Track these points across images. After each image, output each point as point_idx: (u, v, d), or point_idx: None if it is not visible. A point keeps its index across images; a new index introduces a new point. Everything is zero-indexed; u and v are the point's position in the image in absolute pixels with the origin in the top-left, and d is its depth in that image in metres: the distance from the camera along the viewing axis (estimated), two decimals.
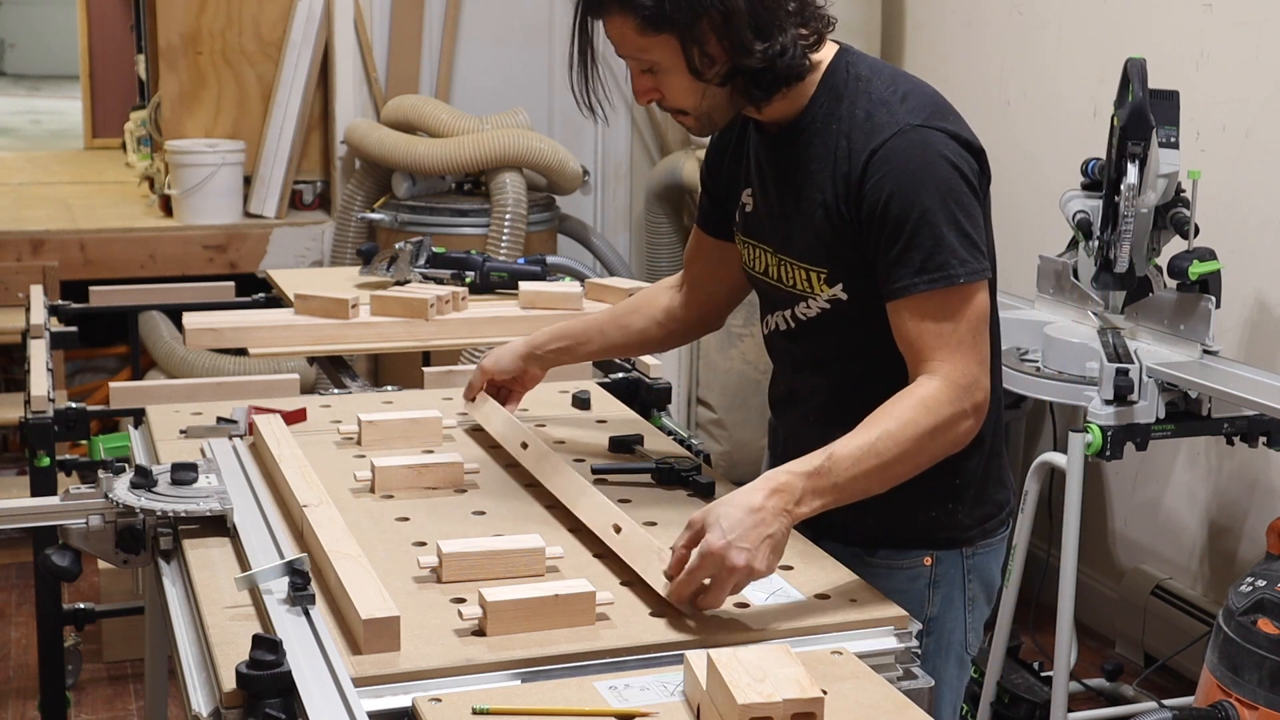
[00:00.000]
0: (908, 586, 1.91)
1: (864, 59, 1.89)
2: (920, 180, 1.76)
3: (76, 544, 1.88)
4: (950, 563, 1.94)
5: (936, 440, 1.75)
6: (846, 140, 1.82)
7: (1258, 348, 3.59)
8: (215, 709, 1.46)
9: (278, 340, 2.93)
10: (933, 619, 1.93)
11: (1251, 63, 3.60)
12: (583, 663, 1.54)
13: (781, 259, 1.94)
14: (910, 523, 1.91)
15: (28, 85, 14.25)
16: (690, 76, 1.79)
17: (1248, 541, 3.70)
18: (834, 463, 1.69)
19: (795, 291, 1.93)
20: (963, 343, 1.77)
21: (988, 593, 1.98)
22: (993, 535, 1.97)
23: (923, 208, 1.76)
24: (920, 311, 1.78)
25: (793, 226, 1.90)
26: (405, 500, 2.01)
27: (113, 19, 8.48)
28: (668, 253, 5.68)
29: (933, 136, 1.78)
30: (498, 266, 3.29)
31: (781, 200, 1.92)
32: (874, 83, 1.84)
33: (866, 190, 1.79)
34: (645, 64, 1.82)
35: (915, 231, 1.76)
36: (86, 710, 3.73)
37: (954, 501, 1.92)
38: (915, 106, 1.81)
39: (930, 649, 1.91)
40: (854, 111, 1.82)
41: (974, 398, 1.77)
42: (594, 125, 5.74)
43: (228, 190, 5.36)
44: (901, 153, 1.77)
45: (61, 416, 2.83)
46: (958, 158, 1.79)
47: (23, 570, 4.51)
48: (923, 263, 1.76)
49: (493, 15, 5.54)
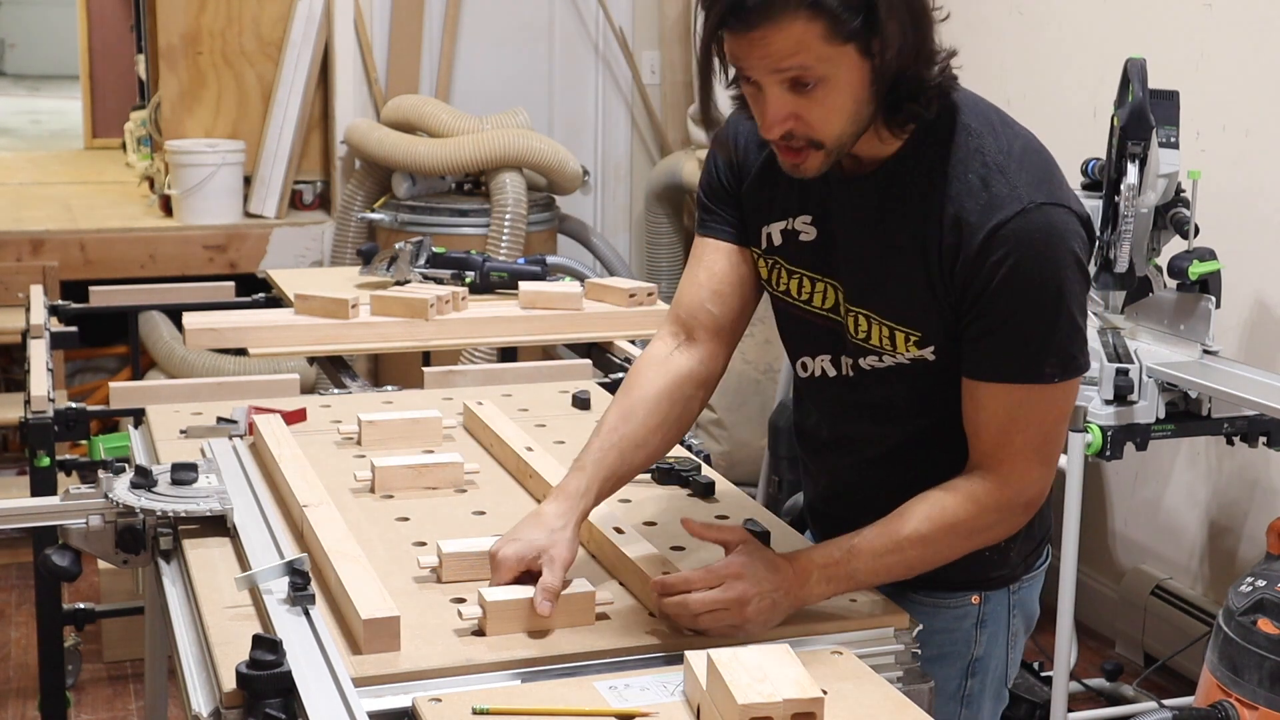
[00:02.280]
0: (954, 625, 1.85)
1: (967, 100, 1.71)
2: (1042, 271, 1.62)
3: (76, 544, 1.88)
4: (997, 600, 1.87)
5: (972, 541, 1.70)
6: (955, 207, 1.65)
7: (1258, 348, 3.58)
8: (215, 709, 1.46)
9: (278, 340, 2.93)
10: (978, 660, 1.86)
11: (1251, 63, 3.60)
12: (583, 663, 1.55)
13: (859, 312, 1.75)
14: (960, 564, 1.78)
15: (28, 85, 14.24)
16: (856, 95, 1.60)
17: (1248, 541, 3.70)
18: (853, 556, 1.65)
19: (869, 346, 1.75)
20: (1030, 444, 1.67)
21: (1028, 624, 1.93)
22: (1035, 568, 1.91)
23: (1037, 300, 1.63)
24: (1000, 401, 1.67)
25: (877, 280, 1.73)
26: (405, 500, 2.01)
27: (113, 19, 8.48)
28: (668, 253, 5.68)
29: (1057, 218, 1.63)
30: (498, 266, 3.30)
31: (867, 247, 1.73)
32: (985, 139, 1.67)
33: (982, 270, 1.63)
34: (810, 79, 1.59)
35: (1023, 321, 1.64)
36: (86, 710, 3.73)
37: (1008, 542, 1.81)
38: (1034, 178, 1.65)
39: (974, 690, 1.87)
40: (965, 174, 1.65)
41: (1025, 498, 1.70)
42: (594, 125, 5.75)
43: (228, 190, 5.36)
44: (1025, 237, 1.62)
45: (61, 416, 2.83)
46: (1081, 244, 1.66)
47: (23, 570, 4.51)
48: (1019, 354, 1.65)
49: (493, 15, 5.54)
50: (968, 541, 1.70)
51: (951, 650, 1.84)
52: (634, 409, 1.82)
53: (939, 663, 1.82)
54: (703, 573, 1.62)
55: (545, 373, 2.83)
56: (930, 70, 1.63)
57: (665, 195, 5.59)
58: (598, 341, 3.11)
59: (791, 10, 1.54)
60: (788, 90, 1.60)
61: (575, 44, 5.67)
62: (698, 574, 1.62)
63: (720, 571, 1.61)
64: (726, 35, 1.59)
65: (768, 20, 1.55)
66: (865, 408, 1.80)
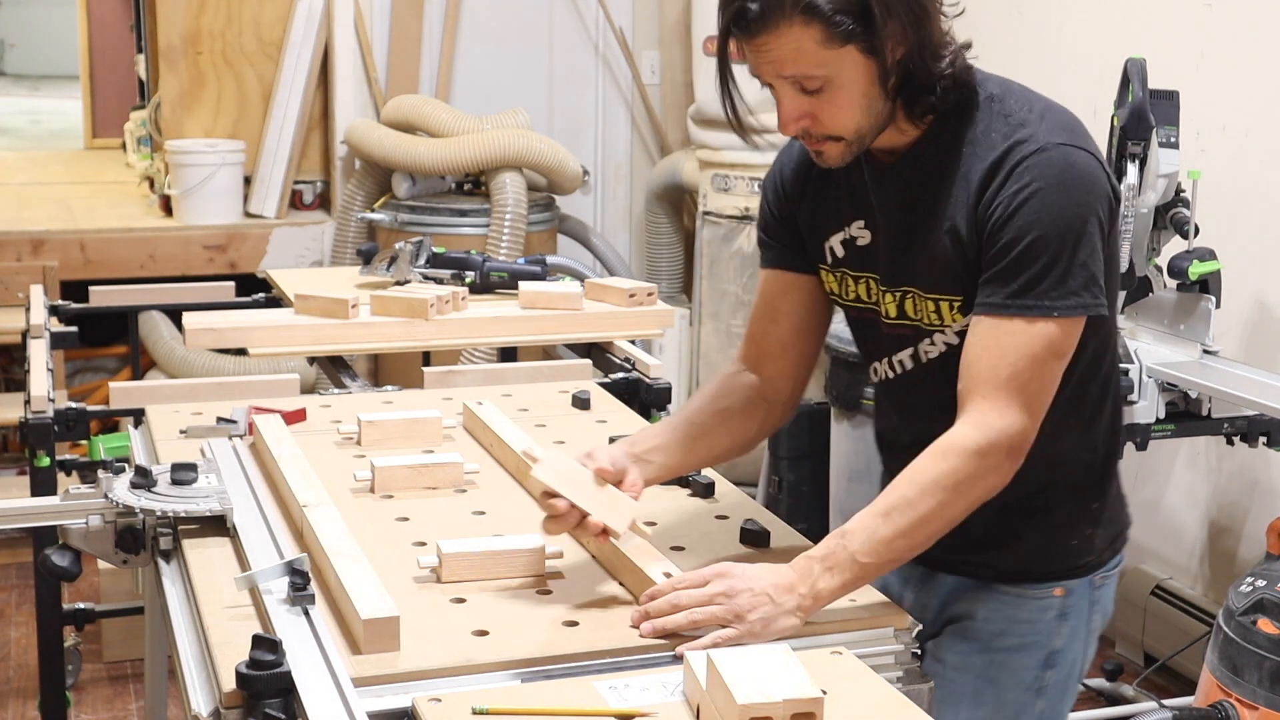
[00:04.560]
0: (1037, 617, 1.84)
1: (991, 76, 1.75)
2: (1059, 203, 1.64)
3: (76, 544, 1.88)
4: (1080, 594, 1.86)
5: (962, 495, 1.67)
6: (980, 164, 1.68)
7: (1258, 348, 3.58)
8: (215, 709, 1.46)
9: (278, 340, 2.93)
10: (1058, 652, 1.86)
11: (1251, 63, 3.60)
12: (583, 663, 1.55)
13: (906, 292, 1.78)
14: (1047, 554, 1.83)
15: (28, 85, 14.24)
16: (865, 92, 1.65)
17: (1248, 541, 3.70)
18: (847, 539, 1.65)
19: (922, 326, 1.78)
20: (1015, 380, 1.65)
21: (1104, 623, 1.92)
22: (1114, 560, 1.91)
23: (1047, 228, 1.63)
24: (987, 334, 1.67)
25: (917, 256, 1.75)
26: (405, 500, 2.01)
27: (113, 19, 8.48)
28: (667, 253, 5.68)
29: (1080, 159, 1.66)
30: (498, 266, 3.29)
31: (904, 230, 1.76)
32: (1007, 101, 1.71)
33: (997, 200, 1.66)
34: (816, 82, 1.65)
35: (1029, 250, 1.64)
36: (86, 710, 3.73)
37: (1093, 526, 1.84)
38: (1055, 125, 1.68)
39: (1050, 681, 1.86)
40: (989, 133, 1.70)
41: (1005, 444, 1.66)
42: (594, 125, 5.75)
43: (228, 190, 5.36)
44: (1045, 169, 1.65)
45: (61, 416, 2.83)
46: (1099, 184, 1.67)
47: (23, 570, 4.51)
48: (1022, 285, 1.65)
49: (493, 15, 5.54)
50: (956, 496, 1.66)
51: (1032, 641, 1.84)
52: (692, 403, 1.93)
53: (1017, 652, 1.84)
54: (688, 575, 1.64)
55: (545, 373, 2.83)
56: (939, 64, 1.66)
57: (665, 195, 5.59)
58: (598, 341, 3.11)
59: (787, 17, 1.61)
60: (799, 91, 1.67)
61: (575, 44, 5.67)
62: (683, 576, 1.64)
63: (706, 571, 1.63)
64: (735, 41, 1.66)
65: (767, 28, 1.62)
66: (936, 404, 1.77)
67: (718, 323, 5.06)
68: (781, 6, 1.61)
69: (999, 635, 1.85)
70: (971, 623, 1.86)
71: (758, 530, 1.87)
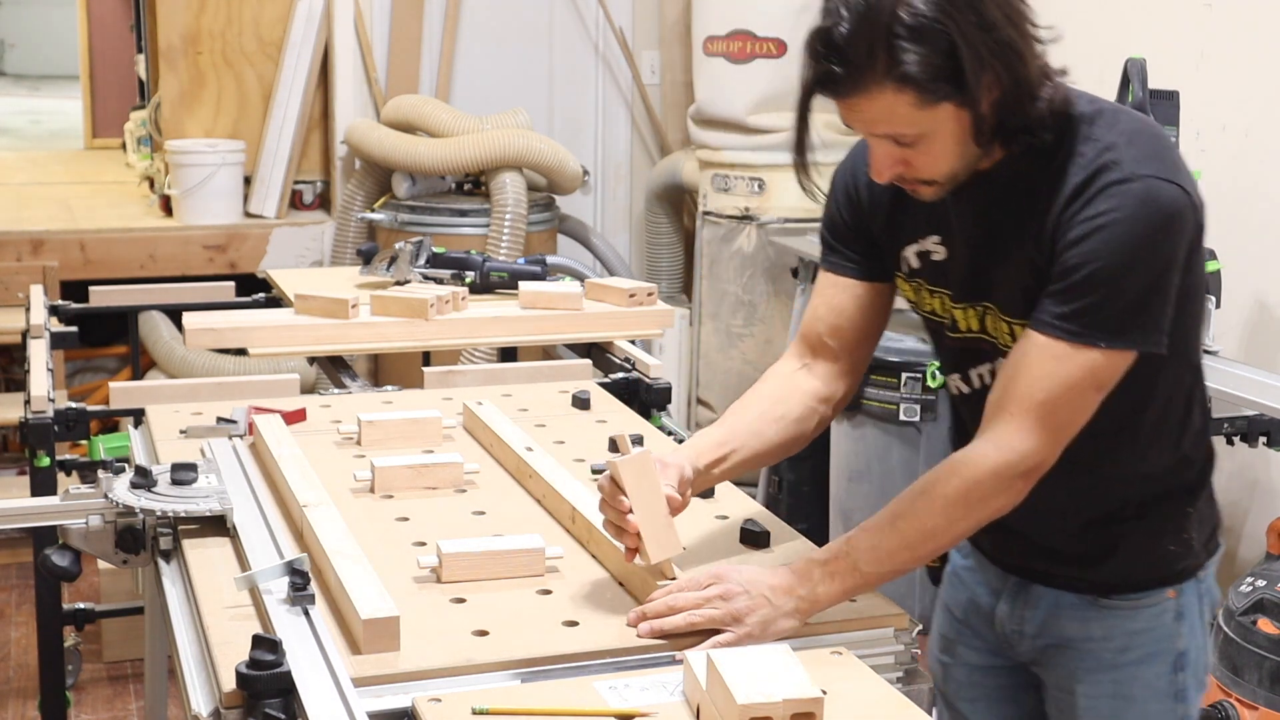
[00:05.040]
0: (1154, 623, 1.81)
1: (1081, 94, 1.70)
2: (1129, 232, 1.58)
3: (76, 544, 1.88)
4: (1190, 591, 1.83)
5: (972, 513, 1.65)
6: (1064, 186, 1.63)
7: (1258, 348, 3.58)
8: (215, 709, 1.46)
9: (278, 340, 2.92)
10: (1183, 653, 1.82)
11: (1251, 63, 3.60)
12: (583, 663, 1.54)
13: (985, 309, 1.75)
14: (1147, 562, 1.80)
15: (28, 85, 14.24)
16: (959, 140, 1.62)
17: (1248, 541, 3.70)
18: (851, 546, 1.65)
19: (999, 345, 1.74)
20: (1048, 405, 1.62)
21: (1213, 610, 1.89)
22: (1214, 553, 1.87)
23: (1114, 260, 1.59)
24: (1031, 351, 1.63)
25: (995, 276, 1.72)
26: (405, 500, 2.01)
27: (113, 19, 8.48)
28: (667, 253, 5.68)
29: (1162, 191, 1.60)
30: (498, 266, 3.29)
31: (983, 248, 1.73)
32: (1097, 123, 1.65)
33: (1074, 223, 1.61)
34: (909, 137, 1.62)
35: (1091, 278, 1.60)
36: (86, 710, 3.73)
37: (1189, 531, 1.81)
38: (1145, 153, 1.62)
39: (1184, 683, 1.83)
40: (1075, 156, 1.64)
41: (1022, 468, 1.64)
42: (594, 125, 5.75)
43: (228, 190, 5.36)
44: (1122, 198, 1.59)
45: (61, 416, 2.83)
46: (1180, 219, 1.61)
47: (23, 570, 4.51)
48: (1076, 311, 1.61)
49: (493, 15, 5.54)
50: (966, 513, 1.65)
51: (1156, 649, 1.82)
52: (749, 403, 1.89)
53: (1145, 664, 1.81)
54: (685, 579, 1.64)
55: (545, 373, 2.83)
56: (1035, 104, 1.62)
57: (665, 195, 5.59)
58: (598, 341, 3.11)
59: (879, 83, 1.56)
60: (892, 144, 1.64)
61: (575, 44, 5.67)
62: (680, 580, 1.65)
63: (701, 574, 1.64)
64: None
65: (857, 91, 1.58)
66: None
67: (718, 323, 5.06)
68: (872, 71, 1.56)
69: (1122, 651, 1.81)
70: (1091, 644, 1.82)
71: (758, 530, 1.86)
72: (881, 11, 1.54)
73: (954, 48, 1.54)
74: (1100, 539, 1.79)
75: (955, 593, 2.00)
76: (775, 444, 1.87)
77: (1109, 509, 1.78)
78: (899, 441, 3.94)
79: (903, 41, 1.54)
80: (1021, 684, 1.94)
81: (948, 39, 1.54)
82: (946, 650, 2.01)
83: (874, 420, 3.97)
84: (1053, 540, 1.82)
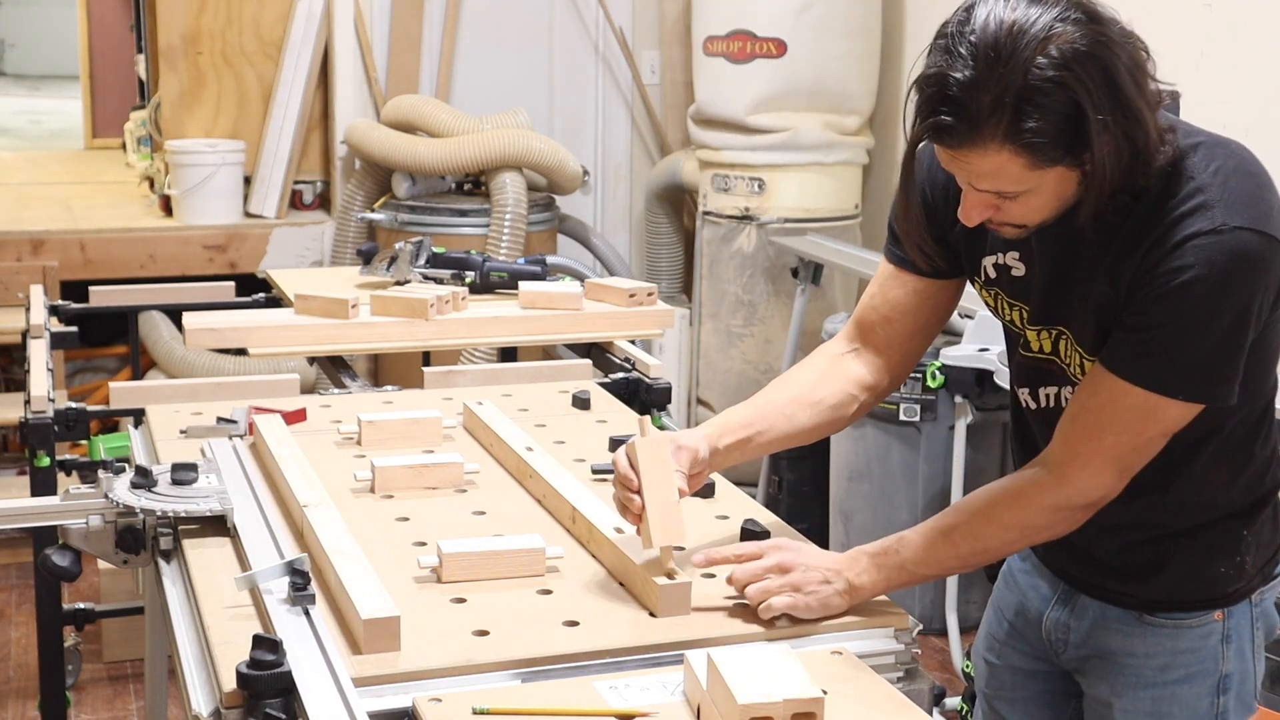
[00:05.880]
0: (1200, 644, 1.79)
1: (1176, 123, 1.64)
2: (1220, 293, 1.54)
3: (76, 544, 1.88)
4: (1240, 614, 1.80)
5: (1026, 538, 1.68)
6: (1151, 225, 1.58)
7: None
8: (215, 709, 1.46)
9: (278, 340, 2.92)
10: (1227, 676, 1.79)
11: (1251, 63, 3.60)
12: (583, 663, 1.55)
13: (1061, 333, 1.72)
14: (1196, 583, 1.77)
15: (28, 85, 14.25)
16: (1061, 196, 1.57)
17: None
18: (903, 544, 1.67)
19: (1069, 373, 1.73)
20: (1115, 449, 1.62)
21: (1269, 633, 1.85)
22: (1273, 576, 1.84)
23: (1196, 319, 1.55)
24: (1109, 394, 1.61)
25: (1073, 303, 1.69)
26: (405, 500, 2.01)
27: (113, 19, 8.48)
28: (668, 253, 5.68)
29: (1251, 244, 1.54)
30: (498, 266, 3.29)
31: (1062, 273, 1.69)
32: (1191, 158, 1.59)
33: (1158, 274, 1.55)
34: (1011, 194, 1.56)
35: (1175, 332, 1.57)
36: (86, 710, 3.73)
37: (1242, 555, 1.78)
38: (1237, 199, 1.55)
39: (1226, 706, 1.80)
40: (1166, 192, 1.57)
41: (1085, 501, 1.65)
42: (594, 125, 5.75)
43: (228, 190, 5.36)
44: (1209, 253, 1.53)
45: (61, 416, 2.83)
46: (1265, 271, 1.56)
47: (23, 570, 4.51)
48: (1154, 359, 1.58)
49: (493, 15, 5.54)
50: (1021, 538, 1.69)
51: (1199, 669, 1.79)
52: (788, 382, 1.88)
53: (1187, 684, 1.79)
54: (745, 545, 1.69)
55: (545, 373, 2.83)
56: (1149, 169, 1.56)
57: (665, 195, 5.59)
58: (598, 341, 3.11)
59: (996, 143, 1.49)
60: (991, 195, 1.58)
61: (575, 44, 5.67)
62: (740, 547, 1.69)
63: (761, 545, 1.68)
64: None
65: (969, 145, 1.51)
66: None
67: (718, 323, 5.06)
68: (987, 128, 1.49)
69: (1164, 669, 1.79)
70: (1133, 660, 1.81)
71: (758, 530, 1.86)
72: (1012, 68, 1.46)
73: (1080, 114, 1.47)
74: (1148, 555, 1.78)
75: (1008, 594, 1.99)
76: (806, 428, 1.85)
77: (1159, 529, 1.76)
78: (899, 441, 3.94)
79: (1028, 105, 1.47)
80: (1061, 691, 1.94)
81: (1075, 104, 1.47)
82: (992, 650, 2.00)
83: (874, 420, 3.98)
84: (1099, 552, 1.80)
